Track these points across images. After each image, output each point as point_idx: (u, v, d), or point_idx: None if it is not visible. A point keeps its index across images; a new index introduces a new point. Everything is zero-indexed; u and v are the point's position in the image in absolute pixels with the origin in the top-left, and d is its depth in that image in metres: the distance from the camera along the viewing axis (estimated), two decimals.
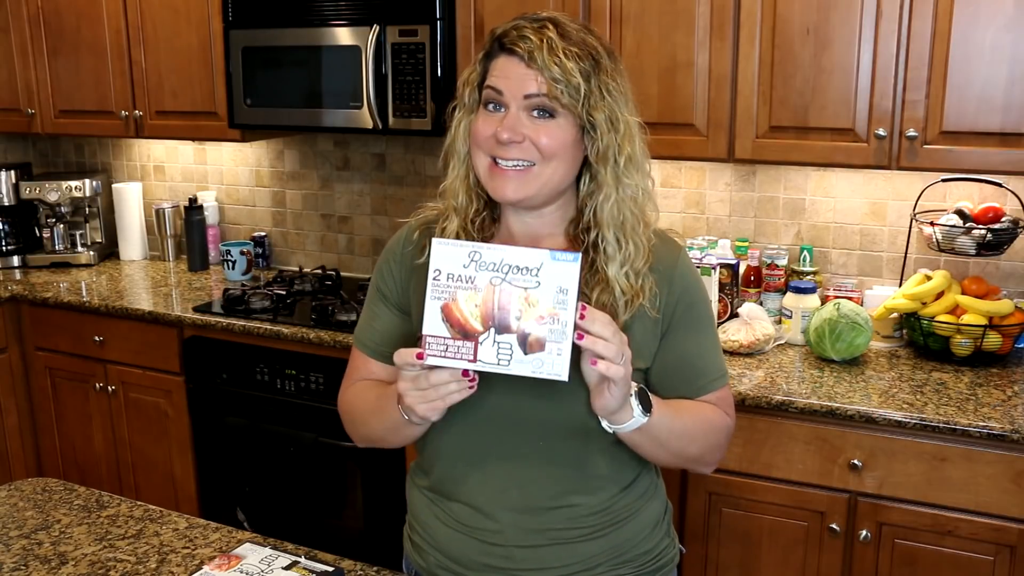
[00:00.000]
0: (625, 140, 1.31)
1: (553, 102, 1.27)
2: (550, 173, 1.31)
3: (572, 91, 1.27)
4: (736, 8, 2.36)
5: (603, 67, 1.30)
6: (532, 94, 1.27)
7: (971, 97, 2.19)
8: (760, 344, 2.44)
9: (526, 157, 1.29)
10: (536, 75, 1.27)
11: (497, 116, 1.30)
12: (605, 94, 1.29)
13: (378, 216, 3.39)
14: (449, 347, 1.18)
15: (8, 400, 3.33)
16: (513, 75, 1.28)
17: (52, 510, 1.67)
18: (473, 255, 1.18)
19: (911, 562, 2.11)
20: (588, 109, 1.28)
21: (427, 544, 1.45)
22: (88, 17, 3.30)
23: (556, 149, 1.30)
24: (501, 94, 1.29)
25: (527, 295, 1.16)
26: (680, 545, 1.54)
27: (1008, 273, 2.53)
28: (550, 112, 1.28)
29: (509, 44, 1.29)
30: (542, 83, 1.26)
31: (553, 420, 1.32)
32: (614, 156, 1.31)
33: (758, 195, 2.77)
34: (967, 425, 1.99)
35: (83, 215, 3.75)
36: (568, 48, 1.27)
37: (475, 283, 1.18)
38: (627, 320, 1.33)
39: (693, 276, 1.41)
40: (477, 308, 1.17)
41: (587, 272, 1.34)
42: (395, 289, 1.45)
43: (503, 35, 1.31)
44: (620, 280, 1.32)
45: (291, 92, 2.93)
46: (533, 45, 1.26)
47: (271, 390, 2.85)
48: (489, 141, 1.30)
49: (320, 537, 2.84)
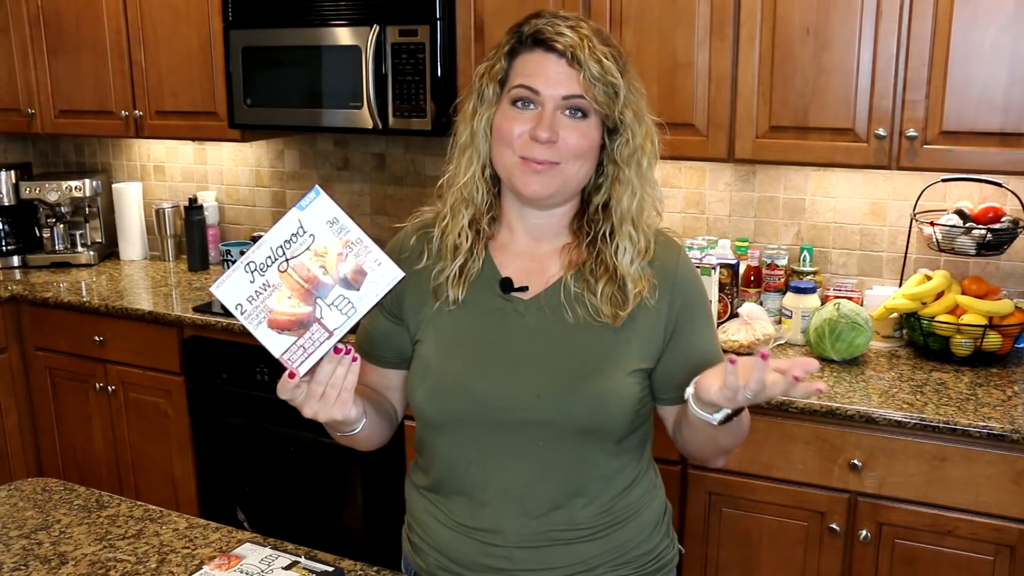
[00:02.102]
0: (647, 139, 1.34)
1: (591, 102, 1.28)
2: (575, 171, 1.32)
3: (610, 90, 1.28)
4: (736, 8, 2.37)
5: (629, 67, 1.33)
6: (571, 95, 1.28)
7: (971, 97, 2.19)
8: (760, 344, 2.44)
9: (556, 156, 1.30)
10: (576, 75, 1.27)
11: (528, 114, 1.30)
12: (634, 93, 1.32)
13: (378, 216, 3.39)
14: (303, 346, 1.19)
15: (8, 400, 3.33)
16: (552, 74, 1.28)
17: (52, 510, 1.67)
18: (248, 267, 1.20)
19: (911, 562, 2.11)
20: (621, 108, 1.30)
21: (426, 545, 1.45)
22: (88, 17, 3.30)
23: (585, 149, 1.31)
24: (537, 93, 1.29)
25: (313, 251, 1.19)
26: (679, 545, 1.54)
27: (1008, 273, 2.53)
28: (584, 112, 1.29)
29: (548, 40, 1.28)
30: (580, 83, 1.27)
31: (553, 421, 1.32)
32: (639, 155, 1.33)
33: (758, 195, 2.77)
34: (967, 425, 1.99)
35: (83, 215, 3.75)
36: (603, 47, 1.28)
37: (271, 284, 1.19)
38: (633, 312, 1.33)
39: (694, 276, 1.42)
40: (291, 298, 1.19)
41: (593, 263, 1.34)
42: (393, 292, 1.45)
43: (538, 32, 1.30)
44: (632, 273, 1.33)
45: (291, 92, 2.93)
46: (573, 42, 1.26)
47: (271, 390, 2.80)
48: (520, 139, 1.30)
49: (320, 537, 2.84)
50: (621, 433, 1.35)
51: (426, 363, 1.38)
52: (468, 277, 1.37)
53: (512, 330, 1.36)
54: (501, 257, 1.40)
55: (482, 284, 1.38)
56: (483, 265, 1.38)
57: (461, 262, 1.37)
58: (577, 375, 1.32)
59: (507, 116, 1.32)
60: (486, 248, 1.40)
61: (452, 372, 1.35)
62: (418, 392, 1.38)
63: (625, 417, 1.34)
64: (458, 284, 1.36)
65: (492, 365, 1.34)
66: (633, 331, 1.34)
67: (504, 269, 1.39)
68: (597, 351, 1.33)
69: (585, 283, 1.34)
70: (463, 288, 1.37)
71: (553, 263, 1.38)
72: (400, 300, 1.42)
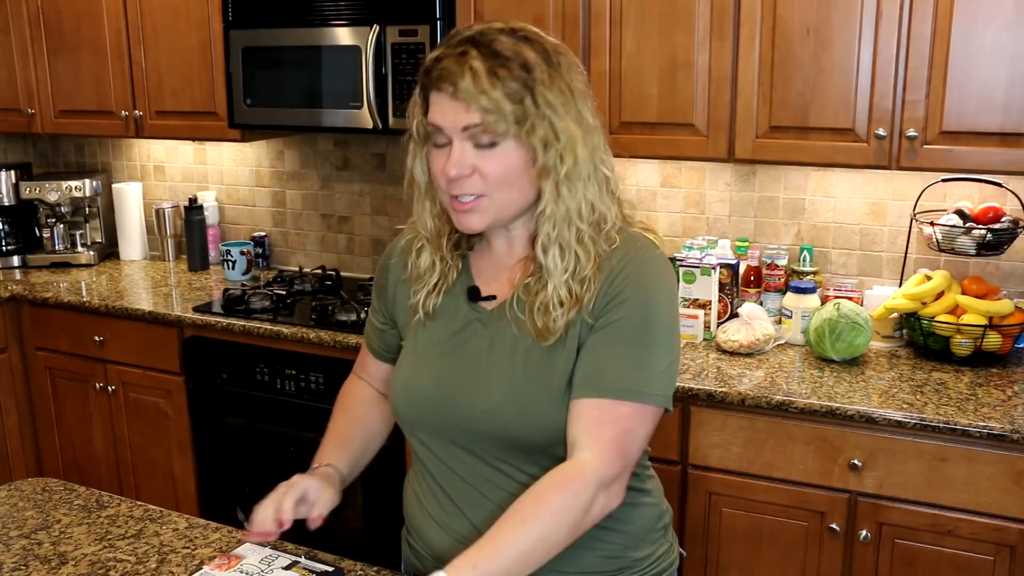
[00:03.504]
0: (566, 151, 1.26)
1: (489, 133, 1.24)
2: (503, 199, 1.29)
3: (504, 118, 1.23)
4: (736, 8, 2.36)
5: (538, 79, 1.24)
6: (469, 125, 1.24)
7: (971, 97, 2.19)
8: (760, 344, 2.44)
9: (477, 190, 1.27)
10: (465, 107, 1.23)
11: (445, 152, 1.28)
12: (543, 109, 1.24)
13: (378, 216, 3.39)
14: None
15: (8, 400, 3.33)
16: (448, 109, 1.25)
17: (52, 510, 1.67)
18: None
19: (911, 562, 2.11)
20: (526, 131, 1.24)
21: (421, 548, 1.45)
22: (88, 17, 3.30)
23: (504, 177, 1.27)
24: (441, 130, 1.27)
25: None
26: (681, 549, 1.53)
27: (1008, 273, 2.53)
28: (491, 141, 1.25)
29: (436, 80, 1.25)
30: (474, 115, 1.23)
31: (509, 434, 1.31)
32: (553, 171, 1.27)
33: (758, 195, 2.77)
34: (967, 425, 1.99)
35: (83, 215, 3.75)
36: (496, 69, 1.22)
37: None
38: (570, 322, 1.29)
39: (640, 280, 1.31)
40: None
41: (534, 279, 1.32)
42: (387, 298, 1.49)
43: (428, 70, 1.27)
44: (561, 291, 1.29)
45: (291, 92, 2.93)
46: (456, 77, 1.22)
47: (271, 390, 2.85)
48: (445, 179, 1.28)
49: (320, 537, 2.83)
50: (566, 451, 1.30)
51: (403, 370, 1.43)
52: (444, 288, 1.39)
53: (474, 341, 1.36)
54: (480, 265, 1.41)
55: (456, 293, 1.40)
56: (459, 275, 1.40)
57: (435, 280, 1.39)
58: (521, 392, 1.30)
59: (432, 156, 1.31)
60: (465, 258, 1.41)
61: (421, 381, 1.39)
62: (395, 397, 1.43)
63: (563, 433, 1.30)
64: (432, 296, 1.39)
65: (452, 376, 1.36)
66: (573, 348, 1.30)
67: (479, 277, 1.40)
68: (540, 368, 1.30)
69: (527, 299, 1.32)
70: (438, 298, 1.39)
71: (517, 274, 1.37)
72: (393, 306, 1.47)
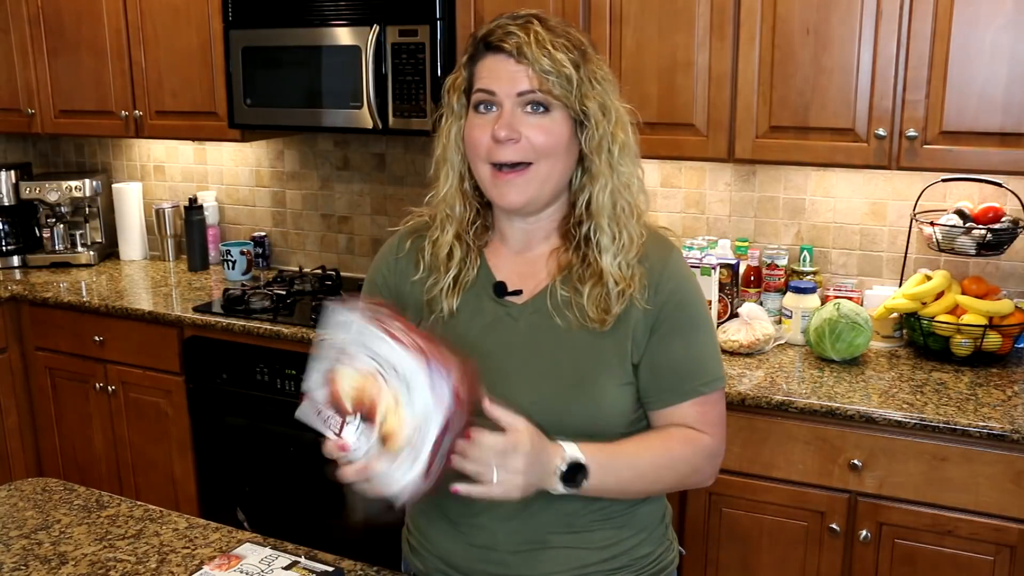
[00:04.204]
0: (618, 128, 1.32)
1: (546, 95, 1.27)
2: (548, 170, 1.31)
3: (564, 81, 1.27)
4: (736, 8, 2.36)
5: (590, 57, 1.31)
6: (525, 91, 1.27)
7: (971, 97, 2.19)
8: (760, 344, 2.44)
9: (524, 156, 1.29)
10: (527, 70, 1.26)
11: (490, 117, 1.30)
12: (596, 83, 1.30)
13: (378, 216, 3.39)
14: (320, 413, 1.19)
15: (8, 400, 3.33)
16: (504, 73, 1.28)
17: (52, 510, 1.67)
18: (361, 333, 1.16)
19: (911, 562, 2.11)
20: (581, 98, 1.29)
21: (424, 549, 1.45)
22: (88, 17, 3.30)
23: (553, 144, 1.29)
24: (494, 94, 1.29)
25: (397, 402, 1.14)
26: (680, 547, 1.53)
27: (1008, 273, 2.53)
28: (545, 106, 1.28)
29: (496, 42, 1.29)
30: (533, 77, 1.26)
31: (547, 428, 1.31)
32: (608, 144, 1.31)
33: (758, 195, 2.77)
34: (967, 425, 1.99)
35: (83, 215, 3.75)
36: (555, 40, 1.28)
37: (356, 363, 1.16)
38: (620, 312, 1.32)
39: (684, 276, 1.38)
40: (352, 390, 1.16)
41: (580, 266, 1.33)
42: (388, 296, 1.46)
43: (487, 34, 1.30)
44: (613, 270, 1.31)
45: (291, 92, 2.93)
46: (521, 40, 1.26)
47: (271, 390, 2.85)
48: (486, 146, 1.29)
49: (320, 537, 2.83)
50: (616, 437, 1.34)
51: None
52: (463, 285, 1.38)
53: (506, 336, 1.36)
54: (495, 261, 1.40)
55: (478, 289, 1.39)
56: (478, 271, 1.39)
57: (455, 272, 1.38)
58: (570, 381, 1.32)
59: (472, 124, 1.32)
60: (481, 253, 1.40)
61: None
62: None
63: (620, 422, 1.34)
64: (452, 294, 1.37)
65: (487, 372, 1.34)
66: (625, 334, 1.33)
67: (498, 273, 1.39)
68: (590, 356, 1.32)
69: (573, 288, 1.33)
70: (458, 296, 1.38)
71: (544, 267, 1.38)
72: (402, 304, 1.43)
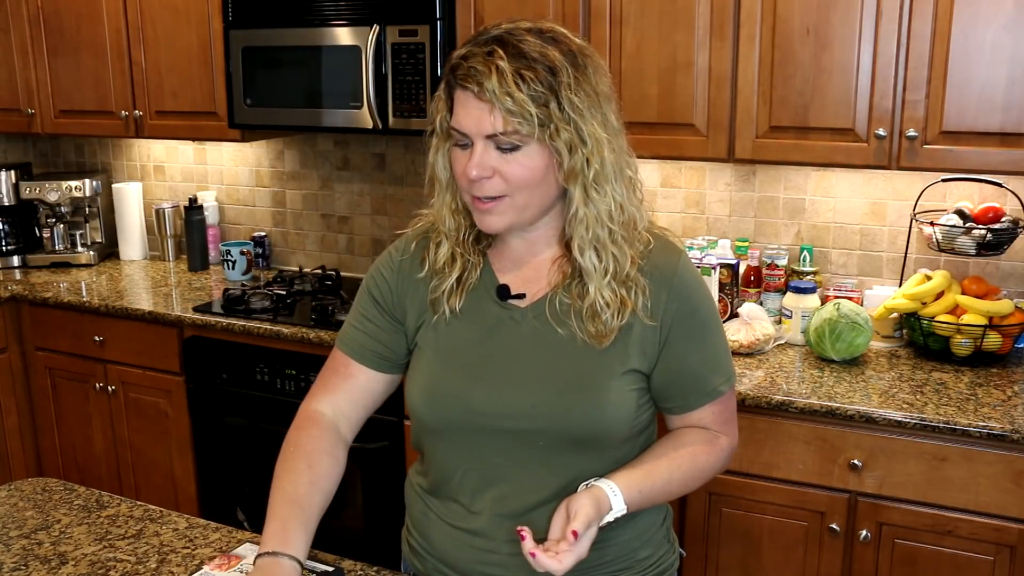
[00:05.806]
0: (593, 154, 1.26)
1: (513, 136, 1.24)
2: (526, 200, 1.29)
3: (529, 122, 1.22)
4: (736, 8, 2.36)
5: (563, 83, 1.23)
6: (491, 134, 1.24)
7: (971, 97, 2.19)
8: (760, 344, 2.44)
9: (499, 191, 1.27)
10: (492, 108, 1.22)
11: (467, 153, 1.28)
12: (568, 112, 1.24)
13: (378, 216, 3.39)
14: None
15: (8, 400, 3.33)
16: (473, 111, 1.25)
17: (52, 510, 1.67)
18: None
19: (911, 562, 2.11)
20: (550, 134, 1.24)
21: (423, 549, 1.45)
22: (88, 17, 3.30)
23: (528, 178, 1.27)
24: (465, 135, 1.27)
25: None
26: (680, 549, 1.53)
27: (1008, 273, 2.53)
28: (513, 145, 1.25)
29: (461, 78, 1.25)
30: (498, 119, 1.23)
31: (548, 431, 1.31)
32: (581, 175, 1.27)
33: (758, 195, 2.77)
34: (967, 425, 1.99)
35: (83, 215, 3.75)
36: (522, 71, 1.21)
37: None
38: (623, 326, 1.31)
39: (694, 281, 1.37)
40: None
41: (576, 281, 1.33)
42: (389, 297, 1.44)
43: (455, 67, 1.27)
44: (603, 293, 1.30)
45: (291, 92, 2.93)
46: (483, 77, 1.22)
47: (271, 390, 2.84)
48: (466, 179, 1.28)
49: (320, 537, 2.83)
50: (618, 442, 1.34)
51: (424, 369, 1.38)
52: (467, 286, 1.38)
53: (508, 339, 1.35)
54: (500, 263, 1.40)
55: (481, 291, 1.38)
56: (481, 272, 1.39)
57: (458, 274, 1.37)
58: (573, 385, 1.31)
59: (455, 155, 1.31)
60: (484, 256, 1.40)
61: (450, 380, 1.36)
62: (416, 398, 1.38)
63: (622, 427, 1.33)
64: (456, 295, 1.37)
65: (489, 374, 1.34)
66: (629, 340, 1.32)
67: (502, 275, 1.39)
68: (592, 360, 1.32)
69: (573, 299, 1.33)
70: (461, 297, 1.37)
71: (546, 274, 1.37)
72: (403, 305, 1.42)
